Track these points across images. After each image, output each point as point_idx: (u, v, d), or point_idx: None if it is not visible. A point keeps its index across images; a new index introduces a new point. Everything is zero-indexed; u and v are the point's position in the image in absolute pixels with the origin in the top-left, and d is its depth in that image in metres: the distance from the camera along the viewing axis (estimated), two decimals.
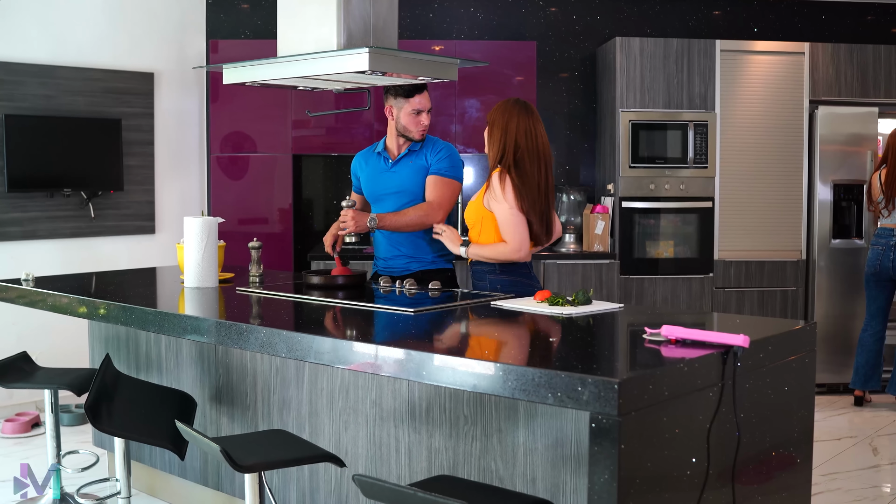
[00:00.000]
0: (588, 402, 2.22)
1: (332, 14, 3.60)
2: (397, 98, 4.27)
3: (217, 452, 2.79)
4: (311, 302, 3.66)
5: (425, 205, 4.26)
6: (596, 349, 2.87)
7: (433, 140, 4.39)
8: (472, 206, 4.08)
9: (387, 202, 4.37)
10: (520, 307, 3.38)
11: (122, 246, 6.55)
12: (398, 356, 2.64)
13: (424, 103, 4.29)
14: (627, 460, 2.23)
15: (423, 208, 4.24)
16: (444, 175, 4.30)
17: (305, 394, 3.60)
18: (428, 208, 4.24)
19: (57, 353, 5.87)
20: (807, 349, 3.02)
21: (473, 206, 4.06)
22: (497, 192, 3.94)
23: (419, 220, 4.23)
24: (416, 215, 4.22)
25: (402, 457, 3.27)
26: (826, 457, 5.21)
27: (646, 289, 6.73)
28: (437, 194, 4.28)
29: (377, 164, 4.43)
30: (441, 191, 4.28)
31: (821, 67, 6.85)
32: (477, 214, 4.04)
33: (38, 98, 6.09)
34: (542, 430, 2.83)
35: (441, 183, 4.29)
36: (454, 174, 4.34)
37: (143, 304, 3.55)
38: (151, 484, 4.52)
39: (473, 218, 4.06)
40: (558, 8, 7.24)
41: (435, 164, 4.31)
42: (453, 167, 4.33)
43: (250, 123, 6.68)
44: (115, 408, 3.48)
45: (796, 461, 3.05)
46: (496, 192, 3.94)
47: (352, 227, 4.14)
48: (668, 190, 6.74)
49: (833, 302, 6.85)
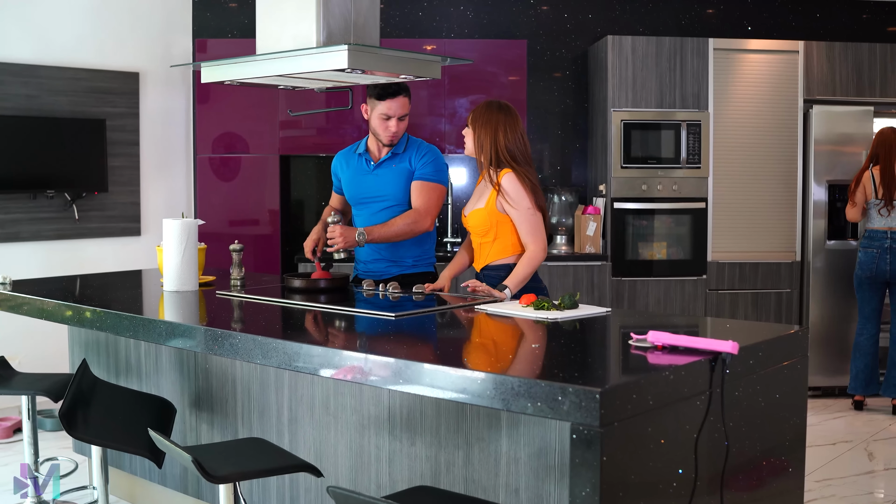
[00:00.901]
0: (569, 413, 2.14)
1: (311, 11, 3.52)
2: (370, 98, 4.15)
3: (189, 462, 2.71)
4: (290, 306, 3.58)
5: (413, 212, 4.14)
6: (579, 356, 2.79)
7: (417, 142, 4.28)
8: (479, 213, 3.89)
9: (369, 206, 4.27)
10: (504, 311, 3.29)
11: (107, 248, 6.47)
12: (373, 363, 2.56)
13: (395, 109, 4.11)
14: (610, 472, 2.14)
15: (410, 216, 4.12)
16: (429, 180, 4.18)
17: (285, 400, 3.51)
18: (416, 216, 4.12)
19: (40, 358, 5.78)
20: (799, 354, 2.94)
21: (483, 213, 3.88)
22: (514, 193, 3.80)
23: (408, 228, 4.11)
24: (405, 224, 4.10)
25: (382, 465, 3.19)
26: (820, 462, 5.13)
27: (638, 291, 6.65)
28: (423, 200, 4.16)
29: (358, 165, 4.32)
30: (427, 196, 4.17)
31: (815, 66, 6.77)
32: (489, 220, 3.87)
33: (19, 98, 6.01)
34: (526, 439, 2.74)
35: (427, 188, 4.18)
36: (439, 178, 4.22)
37: (118, 308, 3.46)
38: (132, 491, 4.43)
39: (485, 224, 3.88)
40: (549, 6, 7.16)
41: (419, 169, 4.19)
42: (438, 171, 4.22)
43: (237, 124, 6.60)
44: (92, 414, 3.39)
45: (788, 469, 2.97)
46: (513, 194, 3.80)
47: (340, 244, 3.99)
48: (660, 190, 6.67)
49: (828, 304, 6.77)
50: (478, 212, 3.90)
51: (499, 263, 3.91)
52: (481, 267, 3.96)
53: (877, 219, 6.21)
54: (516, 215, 3.82)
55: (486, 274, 3.92)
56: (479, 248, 3.97)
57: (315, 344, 2.78)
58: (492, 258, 3.92)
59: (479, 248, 3.97)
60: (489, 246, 3.92)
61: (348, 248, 4.03)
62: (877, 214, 6.20)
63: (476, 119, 3.93)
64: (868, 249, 6.21)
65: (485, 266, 3.94)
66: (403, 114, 4.15)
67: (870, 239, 6.22)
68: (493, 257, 3.91)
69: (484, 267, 3.94)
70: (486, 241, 3.91)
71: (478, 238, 3.95)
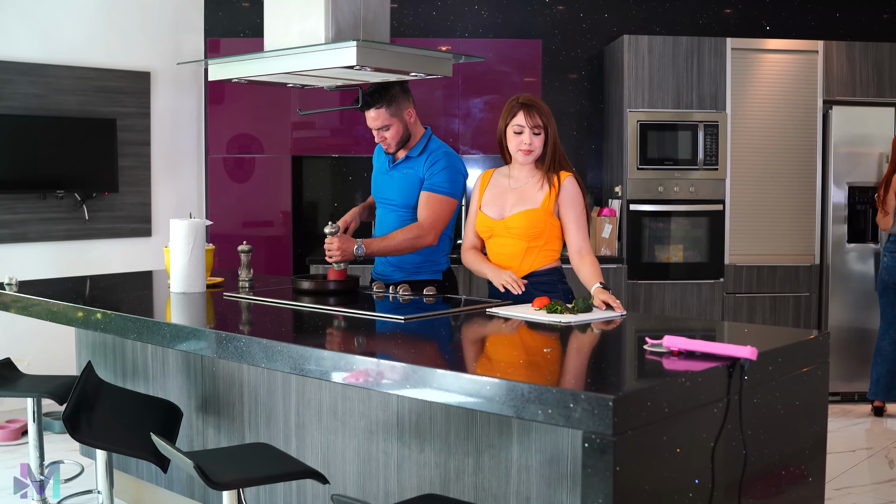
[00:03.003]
0: (581, 420, 2.05)
1: (319, 7, 3.45)
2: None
3: (191, 468, 2.64)
4: (297, 308, 3.51)
5: (415, 226, 3.96)
6: (593, 361, 2.71)
7: (434, 148, 4.08)
8: (534, 213, 3.68)
9: (382, 207, 4.19)
10: (516, 315, 3.21)
11: (117, 249, 6.41)
12: (381, 368, 2.48)
13: (372, 121, 3.99)
14: (623, 482, 2.06)
15: (412, 231, 3.94)
16: (438, 192, 3.99)
17: (293, 405, 3.44)
18: (418, 230, 3.94)
19: (48, 360, 5.73)
20: (819, 360, 2.85)
21: (538, 214, 3.68)
22: (577, 196, 3.70)
23: (409, 243, 3.94)
24: (405, 239, 3.93)
25: (391, 472, 3.11)
26: (840, 470, 5.02)
27: (654, 294, 6.56)
28: (429, 213, 3.97)
29: (383, 162, 4.20)
30: (434, 210, 3.97)
31: (835, 66, 6.66)
32: (542, 223, 3.69)
33: (28, 97, 5.96)
34: (537, 447, 2.67)
35: (434, 201, 3.98)
36: (450, 190, 4.00)
37: (123, 310, 3.40)
38: (138, 495, 4.37)
39: (538, 226, 3.69)
40: (565, 6, 7.07)
41: (428, 178, 4.00)
42: (450, 181, 4.00)
43: (249, 124, 6.55)
44: (96, 418, 3.33)
45: (808, 477, 2.89)
46: (575, 198, 3.69)
47: (338, 257, 3.85)
48: (677, 192, 6.57)
49: (847, 308, 6.66)
50: (532, 212, 3.69)
51: (547, 268, 3.77)
52: (527, 272, 3.74)
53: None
54: (573, 218, 3.70)
55: (534, 280, 3.71)
56: (523, 252, 3.72)
57: (319, 348, 2.70)
58: (539, 264, 3.74)
59: (523, 252, 3.72)
60: (537, 251, 3.73)
61: (346, 260, 3.88)
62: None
63: (549, 116, 3.72)
64: (895, 254, 6.10)
65: (532, 272, 3.74)
66: (381, 125, 4.00)
67: (894, 243, 6.11)
68: (542, 262, 3.75)
69: (531, 273, 3.74)
70: (537, 244, 3.72)
71: (524, 242, 3.71)
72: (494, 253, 3.81)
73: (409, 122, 4.05)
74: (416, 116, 4.10)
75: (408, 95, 4.04)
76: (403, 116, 4.02)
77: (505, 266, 3.74)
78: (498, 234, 3.77)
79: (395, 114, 3.99)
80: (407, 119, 4.03)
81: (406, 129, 4.05)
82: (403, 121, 4.02)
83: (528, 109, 3.67)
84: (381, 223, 4.19)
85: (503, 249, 3.77)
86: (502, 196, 3.79)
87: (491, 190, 3.84)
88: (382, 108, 3.97)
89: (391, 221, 4.11)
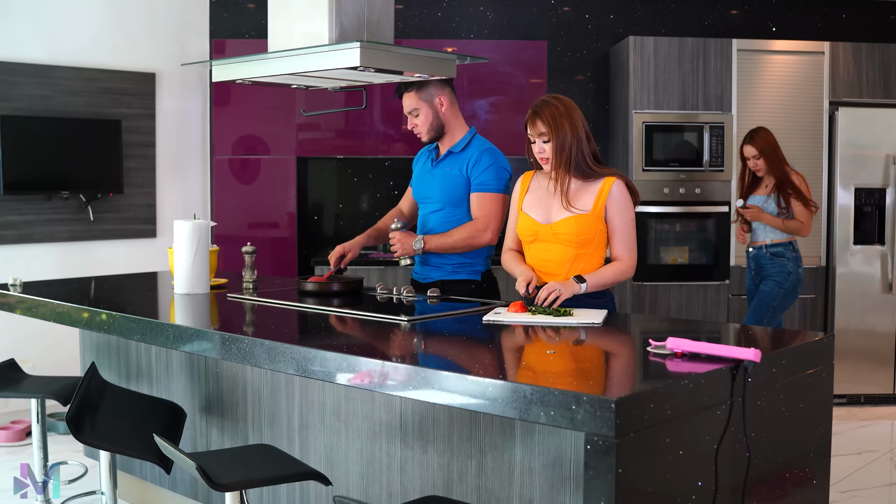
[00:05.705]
0: (583, 422, 2.05)
1: (324, 8, 3.45)
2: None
3: (193, 469, 2.64)
4: (301, 310, 3.51)
5: (471, 225, 3.94)
6: (595, 363, 2.71)
7: (477, 145, 4.02)
8: (585, 219, 3.45)
9: (425, 206, 4.14)
10: (518, 319, 3.19)
11: (122, 250, 6.42)
12: (385, 369, 2.48)
13: (405, 108, 4.00)
14: (626, 485, 2.06)
15: (468, 229, 3.93)
16: (488, 190, 3.95)
17: (296, 406, 3.44)
18: (473, 229, 3.92)
19: (53, 362, 5.74)
20: (824, 362, 2.84)
21: (590, 219, 3.46)
22: (624, 203, 3.47)
23: (465, 242, 3.93)
24: (462, 237, 3.92)
25: (394, 474, 3.10)
26: (845, 472, 5.01)
27: (660, 296, 6.55)
28: (482, 212, 3.94)
29: (425, 162, 4.17)
30: (485, 208, 3.94)
31: (841, 67, 6.65)
32: (593, 229, 3.46)
33: (34, 98, 5.96)
34: (540, 448, 2.66)
35: (485, 200, 3.95)
36: (498, 186, 3.95)
37: (126, 311, 3.40)
38: (141, 496, 4.37)
39: (587, 234, 3.46)
40: (570, 7, 7.07)
41: (475, 178, 3.96)
42: (497, 178, 3.96)
43: (254, 125, 6.55)
44: (100, 419, 3.33)
45: (812, 480, 2.88)
46: (624, 203, 3.48)
47: (399, 251, 3.91)
48: (682, 194, 6.56)
49: (853, 310, 6.63)
50: (583, 217, 3.46)
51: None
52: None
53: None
54: (618, 225, 3.48)
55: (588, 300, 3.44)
56: (571, 259, 3.49)
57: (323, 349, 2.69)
58: (586, 272, 3.47)
59: (571, 259, 3.49)
60: (586, 258, 3.50)
61: (406, 255, 3.92)
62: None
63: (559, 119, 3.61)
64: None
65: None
66: (410, 109, 3.99)
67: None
68: (588, 270, 3.48)
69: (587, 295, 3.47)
70: (586, 251, 3.49)
71: (572, 248, 3.48)
72: (538, 259, 3.57)
73: (441, 111, 3.98)
74: (454, 108, 4.03)
75: (442, 84, 3.98)
76: (434, 102, 3.97)
77: (551, 274, 3.54)
78: (543, 238, 3.55)
79: (424, 98, 3.96)
80: (438, 107, 3.97)
81: (437, 118, 4.00)
82: (434, 107, 3.98)
83: (532, 118, 3.55)
84: (423, 223, 4.16)
85: (549, 256, 3.54)
86: (547, 199, 3.58)
87: (534, 192, 3.64)
88: (413, 91, 3.97)
89: (433, 221, 4.08)
